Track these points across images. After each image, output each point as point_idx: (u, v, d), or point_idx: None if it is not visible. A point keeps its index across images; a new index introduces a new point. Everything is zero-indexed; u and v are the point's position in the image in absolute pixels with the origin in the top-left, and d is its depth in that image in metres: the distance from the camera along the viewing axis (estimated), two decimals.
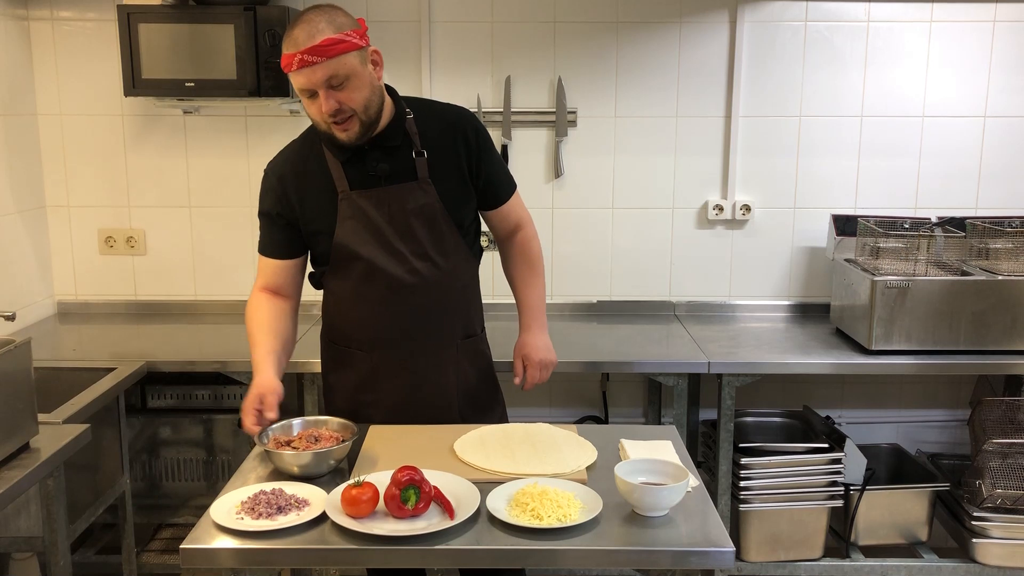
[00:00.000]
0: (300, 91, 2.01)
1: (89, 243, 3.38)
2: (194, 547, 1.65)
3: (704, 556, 1.66)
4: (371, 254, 2.12)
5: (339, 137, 2.04)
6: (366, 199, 2.11)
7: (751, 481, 2.90)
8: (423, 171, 2.13)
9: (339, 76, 1.98)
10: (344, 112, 2.00)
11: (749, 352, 2.95)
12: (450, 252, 2.18)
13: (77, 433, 2.16)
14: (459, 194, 2.18)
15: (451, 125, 2.18)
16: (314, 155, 2.15)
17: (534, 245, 2.37)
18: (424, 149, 2.14)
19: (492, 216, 2.31)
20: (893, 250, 2.99)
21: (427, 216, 2.13)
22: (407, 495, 1.69)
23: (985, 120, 3.29)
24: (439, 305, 2.19)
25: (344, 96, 1.99)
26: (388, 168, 2.12)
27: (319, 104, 1.99)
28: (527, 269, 2.35)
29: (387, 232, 2.12)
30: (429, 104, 2.25)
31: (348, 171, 2.12)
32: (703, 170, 3.34)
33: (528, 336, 2.32)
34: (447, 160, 2.16)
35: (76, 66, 3.25)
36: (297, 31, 1.96)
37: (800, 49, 3.26)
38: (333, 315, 2.27)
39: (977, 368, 2.96)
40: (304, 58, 1.95)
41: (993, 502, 2.92)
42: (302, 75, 1.97)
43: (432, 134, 2.16)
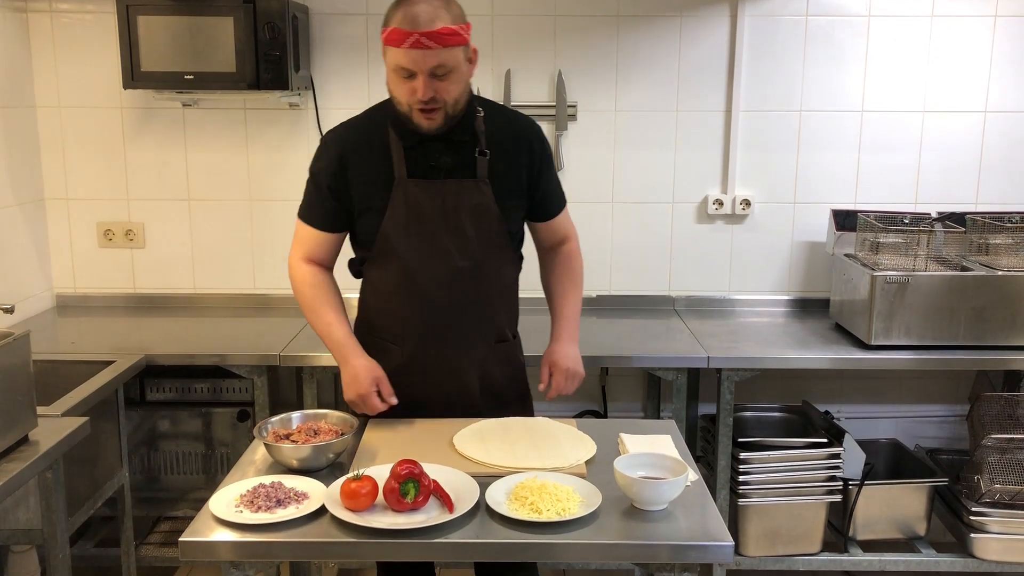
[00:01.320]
0: (397, 68, 1.97)
1: (88, 236, 3.37)
2: (193, 540, 1.65)
3: (703, 550, 1.66)
4: (416, 246, 2.11)
5: (421, 123, 2.02)
6: (422, 189, 2.09)
7: (750, 476, 2.90)
8: (483, 170, 2.11)
9: (446, 67, 1.96)
10: (436, 102, 1.99)
11: (748, 347, 2.95)
12: (495, 254, 2.16)
13: (76, 426, 2.15)
14: (514, 199, 2.17)
15: (519, 132, 2.18)
16: (378, 135, 2.12)
17: (577, 259, 2.36)
18: (488, 149, 2.12)
19: (541, 228, 2.30)
20: (893, 245, 2.99)
21: (479, 215, 2.12)
22: (406, 488, 1.69)
23: (986, 115, 3.29)
24: (476, 305, 2.17)
25: (442, 87, 1.98)
26: (450, 162, 2.10)
27: (413, 87, 1.97)
28: (568, 281, 2.33)
29: (436, 225, 2.10)
30: (500, 107, 2.25)
31: (409, 158, 2.09)
32: (703, 164, 3.34)
33: (558, 345, 2.27)
34: (508, 164, 2.14)
35: (75, 58, 3.24)
36: (417, 9, 1.92)
37: (801, 43, 3.25)
38: (370, 306, 2.25)
39: (976, 363, 2.96)
40: (421, 40, 1.91)
41: (991, 497, 2.92)
42: (410, 56, 1.93)
43: (498, 137, 2.14)
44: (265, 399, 2.86)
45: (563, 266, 2.34)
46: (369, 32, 3.24)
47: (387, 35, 1.96)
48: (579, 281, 2.35)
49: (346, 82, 3.27)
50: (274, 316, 3.29)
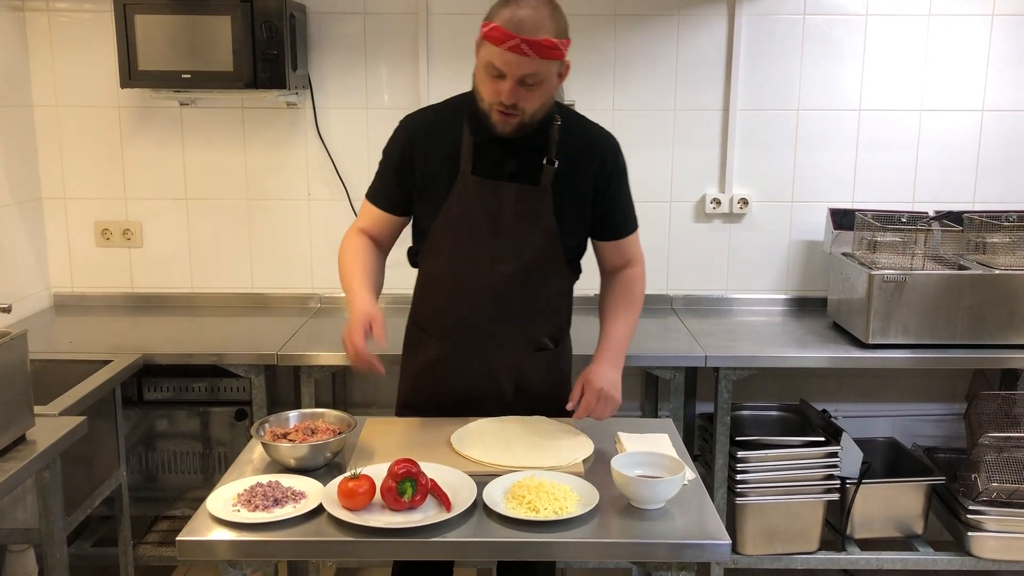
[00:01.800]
0: (488, 66, 1.95)
1: (85, 235, 3.37)
2: (190, 539, 1.65)
3: (700, 549, 1.67)
4: (465, 244, 2.10)
5: (497, 124, 2.01)
6: (483, 187, 2.08)
7: (747, 474, 2.90)
8: (548, 179, 2.09)
9: (536, 77, 1.95)
10: (516, 109, 1.97)
11: (746, 346, 2.95)
12: (544, 263, 2.14)
13: (73, 425, 2.15)
14: (575, 212, 2.14)
15: (593, 145, 2.14)
16: (453, 125, 2.11)
17: (639, 285, 2.27)
18: (557, 159, 2.09)
19: (603, 247, 2.25)
20: (890, 244, 2.99)
21: (533, 222, 2.10)
22: (404, 487, 1.69)
23: (983, 114, 3.29)
24: (516, 311, 2.15)
25: (526, 96, 1.96)
26: (515, 165, 2.08)
27: (499, 88, 1.95)
28: (624, 305, 2.24)
29: (488, 226, 2.09)
30: (579, 118, 2.20)
31: (477, 154, 2.08)
32: (701, 163, 3.34)
33: (597, 366, 2.15)
34: (576, 177, 2.11)
35: (72, 57, 3.24)
36: (525, 14, 1.90)
37: (798, 42, 3.25)
38: (419, 297, 2.26)
39: (973, 362, 2.96)
40: (521, 46, 1.89)
41: (989, 496, 2.93)
42: (505, 57, 1.91)
43: (571, 148, 2.11)
44: (263, 398, 2.86)
45: (621, 289, 2.25)
46: (367, 31, 3.24)
47: (488, 31, 1.93)
48: (635, 307, 2.26)
49: (344, 81, 3.27)
50: (272, 315, 3.29)
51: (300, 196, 3.35)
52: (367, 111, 3.30)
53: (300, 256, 3.39)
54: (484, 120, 2.04)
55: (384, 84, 3.28)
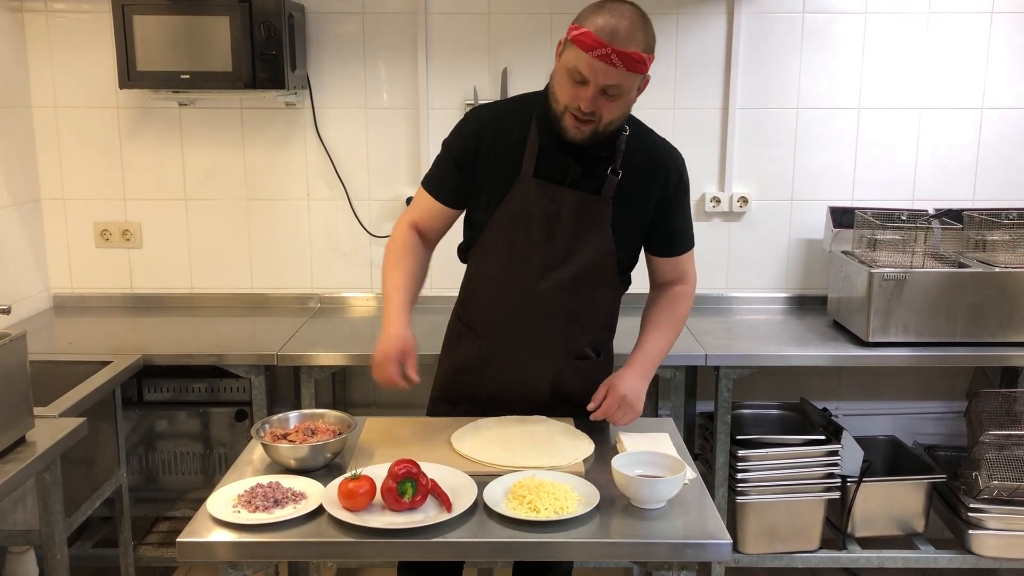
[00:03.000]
0: (573, 70, 1.90)
1: (85, 236, 3.37)
2: (191, 540, 1.65)
3: (701, 548, 1.66)
4: (519, 244, 2.08)
5: (569, 130, 1.98)
6: (542, 190, 2.06)
7: (748, 473, 2.90)
8: (610, 190, 2.07)
9: (620, 89, 1.92)
10: (593, 116, 1.94)
11: (746, 344, 2.95)
12: (595, 273, 2.12)
13: (73, 426, 2.15)
14: (632, 226, 2.12)
15: (659, 160, 2.12)
16: (520, 124, 2.08)
17: (686, 303, 2.24)
18: (621, 170, 2.07)
19: (657, 263, 2.22)
20: (890, 242, 2.98)
21: (590, 232, 2.08)
22: (404, 488, 1.69)
23: (983, 112, 3.29)
24: (561, 318, 2.14)
25: (606, 106, 1.93)
26: (580, 171, 2.06)
27: (579, 94, 1.92)
28: (667, 320, 2.21)
29: (544, 230, 2.07)
30: (648, 131, 2.17)
31: (541, 156, 2.06)
32: (700, 162, 3.33)
33: (627, 372, 2.12)
34: (637, 190, 2.09)
35: (71, 58, 3.24)
36: (619, 24, 1.88)
37: (797, 40, 3.25)
38: (466, 291, 2.25)
39: (974, 360, 2.95)
40: (611, 56, 1.87)
41: (989, 493, 2.93)
42: (592, 65, 1.88)
43: (636, 159, 2.09)
44: (263, 399, 2.86)
45: (666, 303, 2.23)
46: (365, 31, 3.24)
47: (579, 35, 1.90)
48: (678, 324, 2.23)
49: (343, 81, 3.27)
50: (271, 316, 3.28)
51: (299, 196, 3.35)
52: (366, 111, 3.30)
53: (300, 256, 3.39)
54: (555, 123, 2.01)
55: (383, 84, 3.28)
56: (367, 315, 3.33)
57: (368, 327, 3.17)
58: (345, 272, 3.39)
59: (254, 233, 3.37)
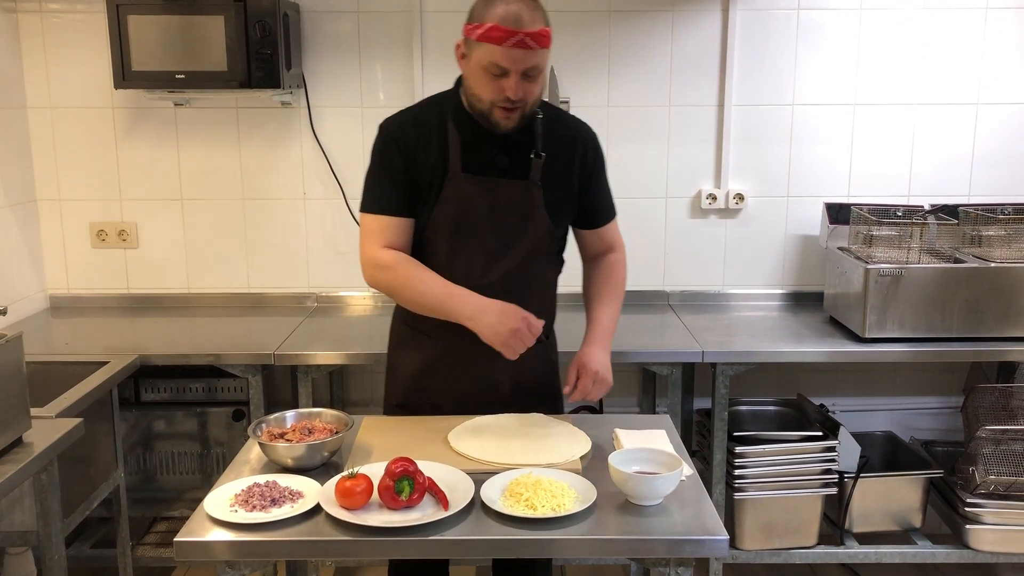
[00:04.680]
0: (491, 65, 1.95)
1: (81, 237, 3.36)
2: (188, 540, 1.65)
3: (699, 544, 1.67)
4: (461, 241, 2.10)
5: (500, 122, 2.02)
6: (475, 185, 2.08)
7: (745, 470, 2.90)
8: (537, 173, 2.11)
9: (539, 68, 1.98)
10: (520, 102, 1.98)
11: (743, 341, 2.95)
12: (538, 256, 2.17)
13: (70, 427, 2.15)
14: (563, 204, 2.17)
15: (575, 137, 2.18)
16: (436, 127, 2.10)
17: (621, 270, 2.32)
18: (544, 152, 2.11)
19: (587, 236, 2.29)
20: (886, 238, 2.99)
21: (527, 217, 2.12)
22: (401, 486, 1.69)
23: (978, 107, 3.29)
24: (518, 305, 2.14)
25: (528, 88, 1.98)
26: (505, 160, 2.10)
27: (503, 86, 1.96)
28: (609, 290, 2.28)
29: (483, 223, 2.10)
30: (558, 111, 2.23)
31: (465, 153, 2.08)
32: (696, 159, 3.34)
33: (591, 349, 2.20)
34: (561, 169, 2.14)
35: (65, 58, 3.23)
36: (518, 9, 1.92)
37: (793, 37, 3.25)
38: None
39: (970, 355, 2.96)
40: (525, 40, 1.92)
41: (986, 488, 2.93)
42: (510, 55, 1.92)
43: (555, 140, 2.14)
44: (260, 398, 2.86)
45: (606, 275, 2.30)
46: (360, 30, 3.24)
47: (484, 32, 1.94)
48: (620, 291, 2.31)
49: (338, 80, 3.27)
50: (268, 315, 3.28)
51: (295, 195, 3.35)
52: (362, 110, 3.29)
53: (296, 255, 3.39)
54: (484, 120, 2.04)
55: (379, 82, 3.28)
56: (364, 314, 3.33)
57: (365, 326, 3.17)
58: (342, 271, 3.39)
59: (250, 233, 3.37)
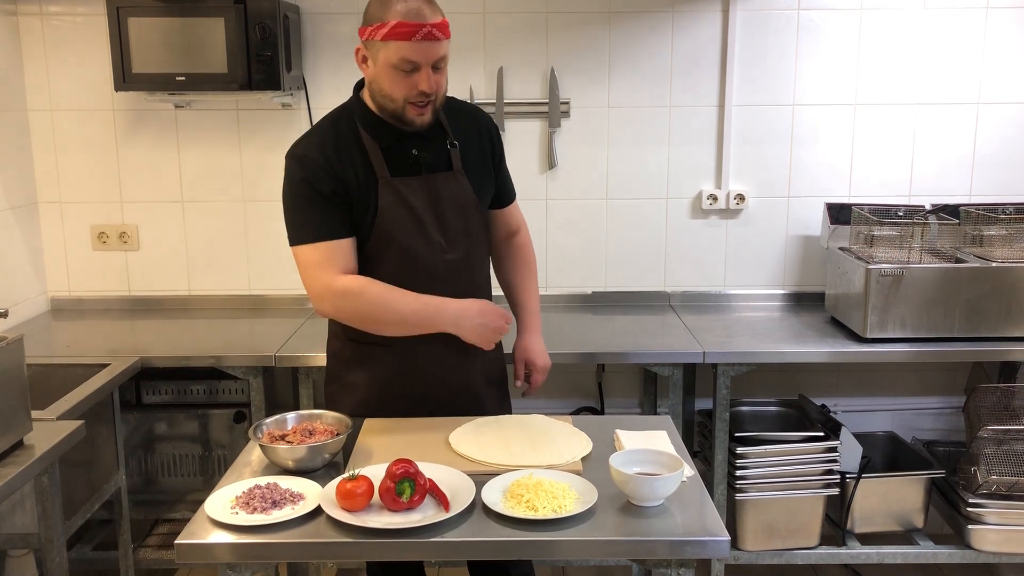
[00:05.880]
0: (401, 62, 1.97)
1: (82, 239, 3.37)
2: (189, 542, 1.65)
3: (700, 545, 1.66)
4: (410, 241, 2.11)
5: (414, 119, 2.04)
6: (407, 186, 2.10)
7: (747, 470, 2.90)
8: (457, 162, 2.15)
9: (445, 59, 2.03)
10: (431, 96, 2.01)
11: (744, 341, 2.95)
12: (478, 243, 2.21)
13: (71, 429, 2.15)
14: (486, 187, 2.23)
15: (477, 122, 2.24)
16: (351, 139, 2.10)
17: (530, 250, 2.41)
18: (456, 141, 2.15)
19: (497, 216, 2.34)
20: (887, 238, 2.98)
21: (462, 206, 2.15)
22: (402, 488, 1.69)
23: (979, 107, 3.29)
24: (467, 294, 2.18)
25: (438, 80, 2.02)
26: (428, 157, 2.12)
27: (414, 81, 1.99)
28: (526, 272, 2.37)
29: (426, 220, 2.11)
30: (454, 100, 2.24)
31: (388, 157, 2.10)
32: (697, 160, 3.34)
33: (530, 339, 2.29)
34: (475, 154, 2.19)
35: (66, 61, 3.23)
36: (416, 3, 1.96)
37: (793, 37, 3.25)
38: None
39: (972, 355, 2.96)
40: (432, 32, 1.96)
41: (988, 488, 2.93)
42: (419, 48, 1.96)
43: (461, 128, 2.18)
44: (261, 400, 2.86)
45: (519, 258, 2.38)
46: None
47: (390, 30, 1.95)
48: (535, 272, 2.41)
49: (338, 81, 3.27)
50: (269, 317, 3.28)
51: None
52: None
53: None
54: (398, 120, 2.06)
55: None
56: None
57: None
58: None
59: (251, 234, 3.37)
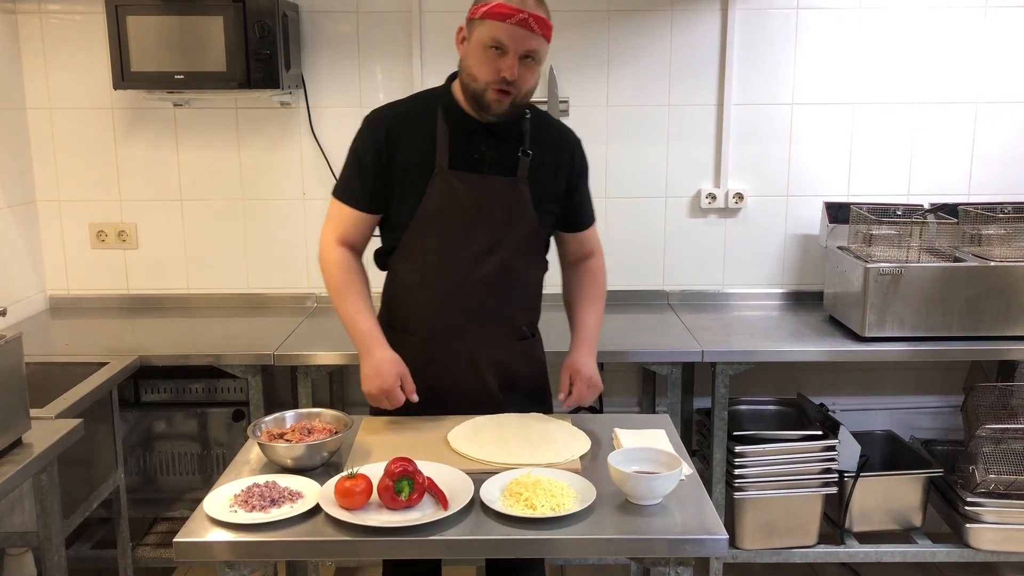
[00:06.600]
0: (492, 41, 1.97)
1: (80, 237, 3.36)
2: (188, 540, 1.65)
3: (699, 544, 1.67)
4: (447, 238, 2.10)
5: (492, 103, 2.02)
6: (461, 181, 2.09)
7: (745, 469, 2.90)
8: (523, 170, 2.12)
9: (538, 55, 2.01)
10: (513, 86, 2.00)
11: (743, 340, 2.95)
12: (524, 254, 2.17)
13: (70, 428, 2.15)
14: (548, 204, 2.19)
15: (563, 140, 2.21)
16: (426, 120, 2.11)
17: (602, 274, 2.36)
18: (531, 151, 2.13)
19: (568, 240, 2.31)
20: (886, 237, 2.99)
21: (514, 214, 2.12)
22: (400, 486, 1.69)
23: (977, 106, 3.29)
24: (498, 303, 2.17)
25: (524, 73, 2.00)
26: (494, 156, 2.10)
27: (500, 66, 1.98)
28: (594, 294, 2.32)
29: (469, 219, 2.10)
30: (547, 115, 2.26)
31: (453, 148, 2.09)
32: (696, 158, 3.34)
33: (580, 354, 2.24)
34: (548, 169, 2.16)
35: (65, 60, 3.23)
36: None
37: (792, 36, 3.25)
38: (395, 297, 2.23)
39: (970, 354, 2.96)
40: (529, 21, 1.96)
41: (986, 487, 2.93)
42: (511, 32, 1.95)
43: (542, 141, 2.16)
44: (260, 399, 2.86)
45: (587, 280, 2.33)
46: (360, 30, 3.24)
47: (489, 9, 1.97)
48: (602, 296, 2.34)
49: (337, 80, 3.27)
50: (268, 315, 3.28)
51: (295, 196, 3.35)
52: (361, 109, 3.25)
53: (296, 256, 3.39)
54: (477, 102, 2.04)
55: (378, 82, 3.28)
56: None
57: None
58: None
59: (250, 233, 3.37)
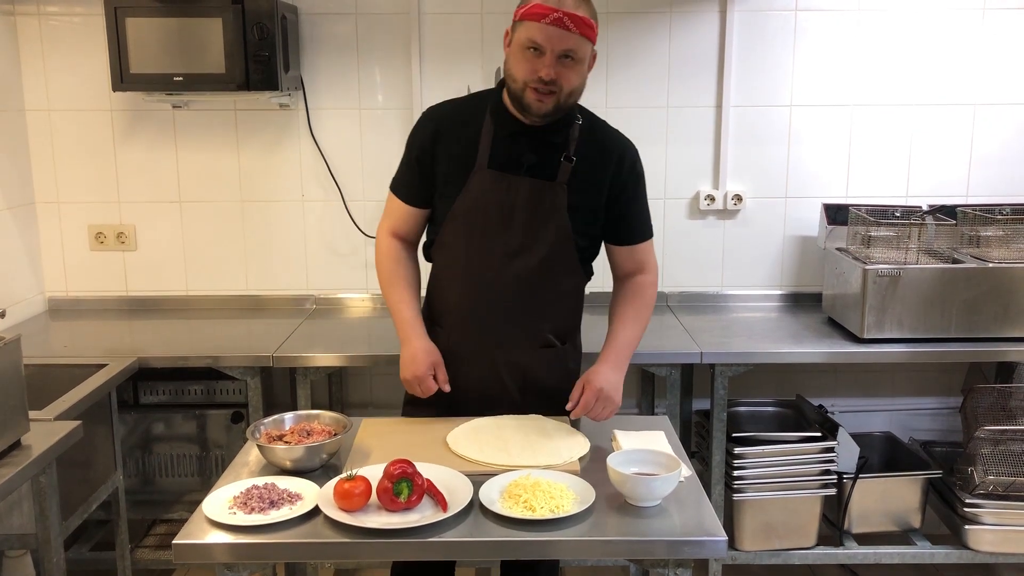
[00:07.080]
0: (529, 42, 1.98)
1: (79, 239, 3.36)
2: (187, 542, 1.65)
3: (698, 545, 1.67)
4: (478, 235, 2.11)
5: (532, 103, 2.01)
6: (496, 180, 2.09)
7: (744, 470, 2.90)
8: (564, 176, 2.11)
9: (574, 55, 1.99)
10: (554, 86, 1.99)
11: (742, 342, 2.95)
12: (555, 260, 2.15)
13: (69, 430, 2.15)
14: (588, 212, 2.15)
15: (612, 148, 2.17)
16: (475, 117, 2.13)
17: (651, 292, 2.27)
18: (575, 157, 2.11)
19: (617, 252, 2.26)
20: (884, 238, 2.99)
21: (547, 219, 2.11)
22: (400, 488, 1.69)
23: (975, 108, 3.30)
24: (523, 307, 2.16)
25: (564, 73, 1.99)
26: (534, 159, 2.10)
27: (539, 64, 1.97)
28: (632, 309, 2.24)
29: (501, 219, 2.10)
30: (602, 122, 2.23)
31: (495, 147, 2.10)
32: (694, 160, 3.34)
33: (600, 367, 2.15)
34: (591, 177, 2.13)
35: (64, 61, 3.23)
36: None
37: (790, 38, 3.26)
38: (432, 290, 2.27)
39: (969, 355, 2.96)
40: (564, 20, 1.95)
41: (985, 489, 2.93)
42: (546, 31, 1.95)
43: (589, 147, 2.13)
44: (259, 400, 2.86)
45: (632, 295, 2.26)
46: (359, 32, 3.24)
47: (526, 10, 1.98)
48: (645, 314, 2.26)
49: (336, 82, 3.27)
50: (267, 317, 3.28)
51: (294, 197, 3.35)
52: (360, 112, 3.30)
53: (295, 257, 3.39)
54: (517, 102, 2.05)
55: (377, 84, 3.28)
56: (363, 316, 3.33)
57: (364, 328, 3.17)
58: (340, 273, 3.39)
59: (249, 235, 3.37)
